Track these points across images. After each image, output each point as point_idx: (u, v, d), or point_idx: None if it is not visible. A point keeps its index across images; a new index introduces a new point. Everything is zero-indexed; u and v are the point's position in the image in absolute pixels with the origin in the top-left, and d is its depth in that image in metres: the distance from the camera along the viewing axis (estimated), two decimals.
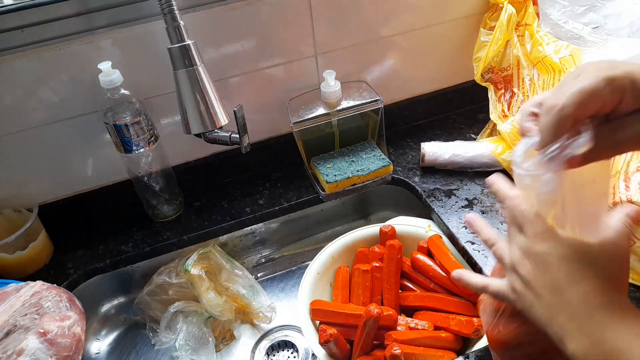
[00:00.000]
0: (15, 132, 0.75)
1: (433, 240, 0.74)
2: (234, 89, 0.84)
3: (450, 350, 0.65)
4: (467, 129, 0.98)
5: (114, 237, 0.84)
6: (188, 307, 0.80)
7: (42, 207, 0.81)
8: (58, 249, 0.83)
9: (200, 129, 0.70)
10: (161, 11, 0.64)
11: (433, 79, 0.99)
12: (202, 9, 0.75)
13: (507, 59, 0.88)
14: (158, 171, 0.81)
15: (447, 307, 0.69)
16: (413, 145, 0.95)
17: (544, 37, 0.85)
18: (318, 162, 0.88)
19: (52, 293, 0.65)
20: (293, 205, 0.87)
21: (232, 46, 0.80)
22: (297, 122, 0.83)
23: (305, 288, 0.72)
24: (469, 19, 0.92)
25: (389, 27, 0.88)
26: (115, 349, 0.82)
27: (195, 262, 0.78)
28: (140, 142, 0.75)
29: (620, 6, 0.82)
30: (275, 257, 0.93)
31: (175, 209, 0.87)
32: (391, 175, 0.87)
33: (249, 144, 0.74)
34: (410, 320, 0.68)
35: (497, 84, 0.89)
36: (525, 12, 0.86)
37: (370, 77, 0.92)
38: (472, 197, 0.81)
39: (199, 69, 0.68)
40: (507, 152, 0.82)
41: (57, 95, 0.74)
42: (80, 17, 0.70)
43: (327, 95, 0.83)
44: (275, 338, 0.81)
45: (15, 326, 0.59)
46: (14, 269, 0.77)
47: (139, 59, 0.76)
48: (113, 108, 0.73)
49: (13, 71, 0.70)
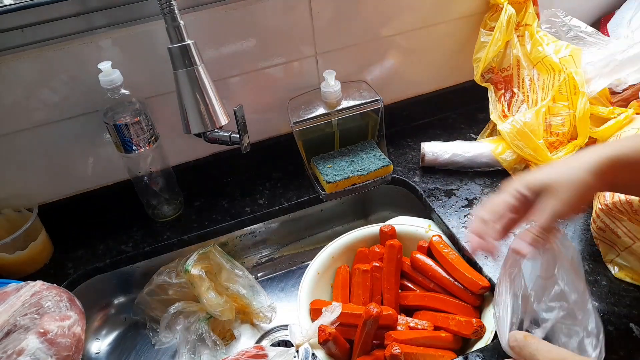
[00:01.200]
0: (15, 132, 0.75)
1: (434, 244, 0.74)
2: (234, 88, 0.84)
3: (450, 350, 0.65)
4: (467, 129, 0.98)
5: (114, 236, 0.85)
6: (188, 307, 0.80)
7: (42, 207, 0.81)
8: (58, 249, 0.83)
9: (200, 128, 0.70)
10: (161, 11, 0.64)
11: (433, 79, 0.99)
12: (202, 8, 0.75)
13: (507, 59, 0.88)
14: (158, 171, 0.81)
15: (446, 308, 0.69)
16: (413, 145, 0.95)
17: (543, 37, 0.85)
18: (318, 162, 0.88)
19: (52, 293, 0.65)
20: (293, 205, 0.87)
21: (232, 46, 0.80)
22: (297, 122, 0.83)
23: (305, 288, 0.72)
24: (469, 19, 0.92)
25: (389, 27, 0.88)
26: (115, 349, 0.82)
27: (195, 262, 0.78)
28: (140, 142, 0.75)
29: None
30: (275, 257, 0.93)
31: (175, 209, 0.87)
32: (391, 175, 0.87)
33: (249, 144, 0.74)
34: (410, 320, 0.68)
35: (497, 84, 0.90)
36: (525, 12, 0.86)
37: (370, 77, 0.92)
38: (472, 197, 0.81)
39: (199, 69, 0.68)
40: (507, 152, 0.83)
41: (57, 95, 0.74)
42: (80, 17, 0.70)
43: (327, 95, 0.83)
44: (275, 338, 0.81)
45: (15, 326, 0.59)
46: (14, 269, 0.77)
47: (139, 59, 0.76)
48: (113, 108, 0.73)
49: (13, 71, 0.70)
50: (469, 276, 0.67)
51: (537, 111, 0.79)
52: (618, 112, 0.76)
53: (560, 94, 0.80)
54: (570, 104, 0.79)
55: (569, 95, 0.79)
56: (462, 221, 0.77)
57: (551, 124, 0.80)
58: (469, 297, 0.68)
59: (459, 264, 0.70)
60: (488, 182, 0.84)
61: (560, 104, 0.80)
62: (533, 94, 0.85)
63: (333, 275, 0.77)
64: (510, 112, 0.87)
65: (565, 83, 0.79)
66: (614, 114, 0.77)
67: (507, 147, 0.82)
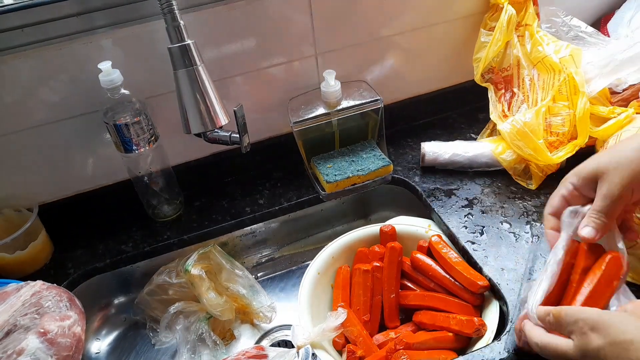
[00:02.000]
0: (15, 132, 0.75)
1: (433, 245, 0.74)
2: (234, 88, 0.84)
3: (452, 350, 0.65)
4: (467, 129, 0.98)
5: (114, 236, 0.84)
6: (188, 307, 0.80)
7: (42, 207, 0.81)
8: (58, 249, 0.83)
9: (200, 128, 0.70)
10: (161, 11, 0.64)
11: (433, 79, 0.99)
12: (202, 8, 0.75)
13: (508, 59, 0.88)
14: (158, 171, 0.81)
15: (447, 307, 0.69)
16: (413, 145, 0.95)
17: (544, 37, 0.85)
18: (318, 162, 0.88)
19: (52, 293, 0.65)
20: (293, 205, 0.87)
21: (232, 46, 0.80)
22: (297, 121, 0.83)
23: (305, 288, 0.72)
24: (469, 18, 0.92)
25: (389, 27, 0.88)
26: (115, 349, 0.82)
27: (196, 262, 0.78)
28: (140, 142, 0.75)
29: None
30: (275, 257, 0.93)
31: (175, 209, 0.87)
32: (391, 175, 0.87)
33: (249, 144, 0.74)
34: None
35: (498, 84, 0.90)
36: (525, 12, 0.86)
37: (370, 77, 0.92)
38: (472, 197, 0.81)
39: (199, 69, 0.68)
40: (507, 152, 0.83)
41: (57, 94, 0.74)
42: (80, 16, 0.70)
43: (327, 95, 0.83)
44: (275, 338, 0.81)
45: (15, 326, 0.59)
46: (14, 269, 0.77)
47: (139, 59, 0.76)
48: (113, 108, 0.73)
49: (13, 71, 0.70)
50: (467, 276, 0.67)
51: (537, 111, 0.79)
52: (618, 112, 0.76)
53: (560, 94, 0.80)
54: (570, 104, 0.79)
55: (569, 95, 0.79)
56: (462, 221, 0.77)
57: (551, 123, 0.80)
58: (469, 296, 0.68)
59: (458, 264, 0.70)
60: (488, 182, 0.84)
61: (560, 104, 0.80)
62: (533, 94, 0.85)
63: (333, 275, 0.77)
64: (510, 112, 0.87)
65: (565, 83, 0.79)
66: (614, 114, 0.77)
67: (507, 147, 0.82)
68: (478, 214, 0.78)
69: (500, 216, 0.77)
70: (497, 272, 0.68)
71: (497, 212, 0.78)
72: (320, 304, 0.74)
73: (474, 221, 0.77)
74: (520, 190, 0.81)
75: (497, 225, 0.75)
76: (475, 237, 0.74)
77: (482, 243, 0.73)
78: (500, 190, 0.82)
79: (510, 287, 0.65)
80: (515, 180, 0.83)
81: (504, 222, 0.76)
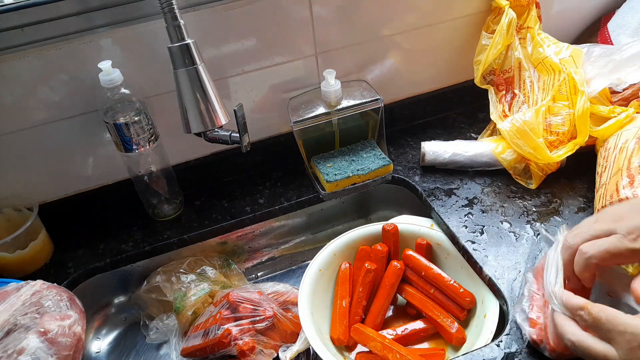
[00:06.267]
0: (15, 131, 0.75)
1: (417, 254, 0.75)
2: (234, 88, 0.84)
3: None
4: (467, 128, 0.98)
5: (114, 236, 0.85)
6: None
7: (42, 207, 0.81)
8: (58, 248, 0.83)
9: (201, 128, 0.70)
10: (161, 10, 0.64)
11: (433, 78, 0.99)
12: (202, 7, 0.75)
13: (509, 61, 0.88)
14: (158, 170, 0.81)
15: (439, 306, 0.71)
16: (413, 145, 0.95)
17: (545, 40, 0.85)
18: (318, 162, 0.88)
19: (53, 292, 0.65)
20: (293, 205, 0.87)
21: (232, 45, 0.80)
22: (297, 121, 0.83)
23: (306, 285, 0.72)
24: (469, 18, 0.92)
25: (389, 27, 0.88)
26: (115, 348, 0.82)
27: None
28: (140, 141, 0.75)
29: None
30: (275, 257, 0.93)
31: (176, 208, 0.87)
32: (391, 174, 0.87)
33: (249, 143, 0.74)
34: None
35: (499, 86, 0.90)
36: (527, 15, 0.86)
37: (370, 77, 0.92)
38: (472, 197, 0.81)
39: (199, 68, 0.68)
40: (508, 151, 0.83)
41: (57, 94, 0.74)
42: (80, 16, 0.70)
43: (327, 94, 0.83)
44: None
45: (15, 325, 0.59)
46: (14, 268, 0.77)
47: (139, 58, 0.76)
48: (113, 107, 0.73)
49: (13, 70, 0.70)
50: (459, 291, 0.70)
51: (536, 110, 0.79)
52: (618, 112, 0.76)
53: (560, 94, 0.80)
54: (570, 104, 0.79)
55: (569, 94, 0.79)
56: (462, 221, 0.77)
57: (551, 123, 0.80)
58: (460, 302, 0.70)
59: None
60: (488, 182, 0.84)
61: (560, 104, 0.80)
62: (533, 94, 0.85)
63: (334, 273, 0.77)
64: (510, 112, 0.87)
65: (565, 83, 0.79)
66: (614, 113, 0.77)
67: (507, 146, 0.82)
68: (478, 214, 0.78)
69: (500, 216, 0.77)
70: (497, 272, 0.68)
71: (497, 211, 0.78)
72: (321, 301, 0.74)
73: (474, 221, 0.77)
74: (520, 190, 0.81)
75: (497, 225, 0.75)
76: (475, 237, 0.74)
77: (482, 242, 0.73)
78: (500, 189, 0.82)
79: (510, 286, 0.65)
80: (515, 180, 0.83)
81: (504, 222, 0.76)
